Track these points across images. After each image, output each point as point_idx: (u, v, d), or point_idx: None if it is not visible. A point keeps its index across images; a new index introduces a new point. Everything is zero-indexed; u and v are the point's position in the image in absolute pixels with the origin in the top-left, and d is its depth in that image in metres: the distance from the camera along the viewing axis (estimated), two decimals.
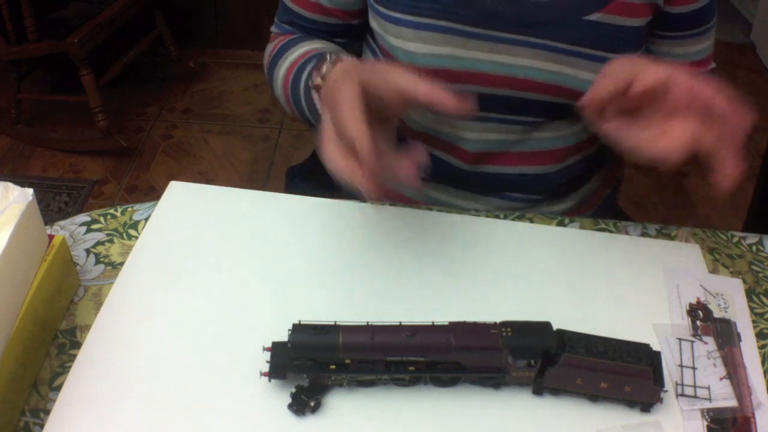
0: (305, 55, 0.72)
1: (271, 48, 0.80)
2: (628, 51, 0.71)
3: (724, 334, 0.61)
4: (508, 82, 0.72)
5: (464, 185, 0.82)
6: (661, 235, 0.72)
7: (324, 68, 0.64)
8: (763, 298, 0.66)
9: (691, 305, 0.64)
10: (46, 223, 0.60)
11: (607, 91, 0.57)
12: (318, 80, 0.65)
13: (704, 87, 0.54)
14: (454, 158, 0.79)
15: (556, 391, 0.55)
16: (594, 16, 0.68)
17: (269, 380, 0.55)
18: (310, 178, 0.94)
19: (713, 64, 0.80)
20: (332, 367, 0.53)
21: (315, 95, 0.67)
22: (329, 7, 0.76)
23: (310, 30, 0.79)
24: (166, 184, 0.73)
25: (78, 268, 0.65)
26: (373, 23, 0.75)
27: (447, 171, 0.80)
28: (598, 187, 0.90)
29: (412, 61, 0.71)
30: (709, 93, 0.54)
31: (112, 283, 0.63)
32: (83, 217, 0.70)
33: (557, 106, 0.74)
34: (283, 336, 0.54)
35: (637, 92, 0.56)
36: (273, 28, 0.83)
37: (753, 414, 0.56)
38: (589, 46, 0.69)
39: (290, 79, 0.72)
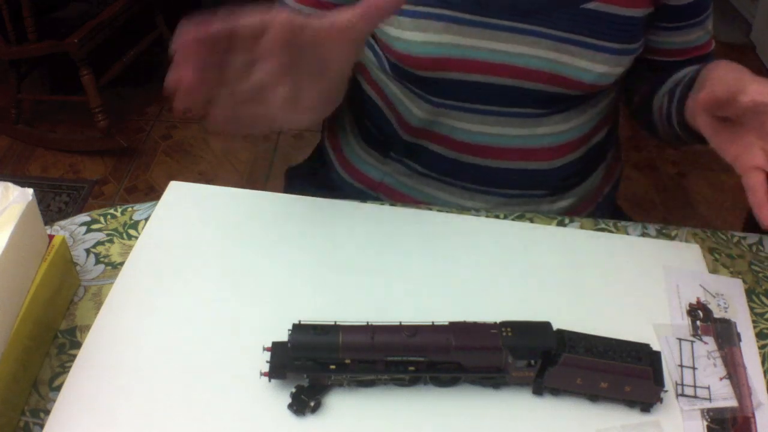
0: None
1: None
2: (626, 41, 0.71)
3: (724, 334, 0.61)
4: (507, 71, 0.72)
5: (464, 180, 0.82)
6: (661, 235, 0.72)
7: None
8: (763, 298, 0.66)
9: (691, 305, 0.64)
10: (46, 223, 0.60)
11: (722, 93, 0.58)
12: None
13: None
14: (453, 151, 0.79)
15: (556, 391, 0.55)
16: (591, 5, 0.69)
17: (269, 380, 0.55)
18: (310, 179, 0.95)
19: (713, 45, 0.81)
20: (332, 367, 0.53)
21: None
22: (325, 2, 0.76)
23: None
24: (166, 184, 0.73)
25: (78, 268, 0.65)
26: None
27: (446, 166, 0.80)
28: (599, 184, 0.90)
29: (411, 50, 0.71)
30: None
31: (112, 283, 0.63)
32: (83, 217, 0.70)
33: (556, 96, 0.74)
34: (283, 336, 0.54)
35: (744, 104, 0.58)
36: None
37: (753, 414, 0.56)
38: (587, 35, 0.70)
39: None
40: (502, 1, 0.69)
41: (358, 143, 0.88)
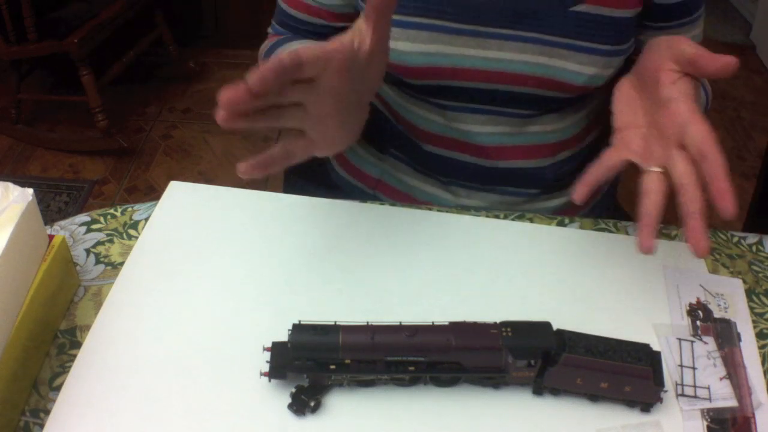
0: None
1: (263, 46, 0.81)
2: (616, 42, 0.71)
3: (724, 334, 0.61)
4: (498, 77, 0.72)
5: (460, 177, 0.82)
6: (661, 235, 0.72)
7: None
8: (763, 298, 0.66)
9: (691, 305, 0.64)
10: (46, 223, 0.60)
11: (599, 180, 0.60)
12: None
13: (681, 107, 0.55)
14: (445, 149, 0.79)
15: (556, 391, 0.55)
16: (580, 7, 0.69)
17: (269, 380, 0.55)
18: (309, 177, 0.95)
19: None
20: (332, 367, 0.53)
21: None
22: (315, 7, 0.77)
23: (299, 30, 0.80)
24: (166, 184, 0.73)
25: (78, 268, 0.65)
26: None
27: (439, 163, 0.81)
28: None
29: (401, 59, 0.71)
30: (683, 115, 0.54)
31: (112, 283, 0.63)
32: (83, 217, 0.70)
33: (547, 99, 0.74)
34: (283, 336, 0.54)
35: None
36: (269, 29, 0.84)
37: (753, 414, 0.56)
38: (577, 38, 0.70)
39: None
40: (491, 8, 0.69)
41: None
